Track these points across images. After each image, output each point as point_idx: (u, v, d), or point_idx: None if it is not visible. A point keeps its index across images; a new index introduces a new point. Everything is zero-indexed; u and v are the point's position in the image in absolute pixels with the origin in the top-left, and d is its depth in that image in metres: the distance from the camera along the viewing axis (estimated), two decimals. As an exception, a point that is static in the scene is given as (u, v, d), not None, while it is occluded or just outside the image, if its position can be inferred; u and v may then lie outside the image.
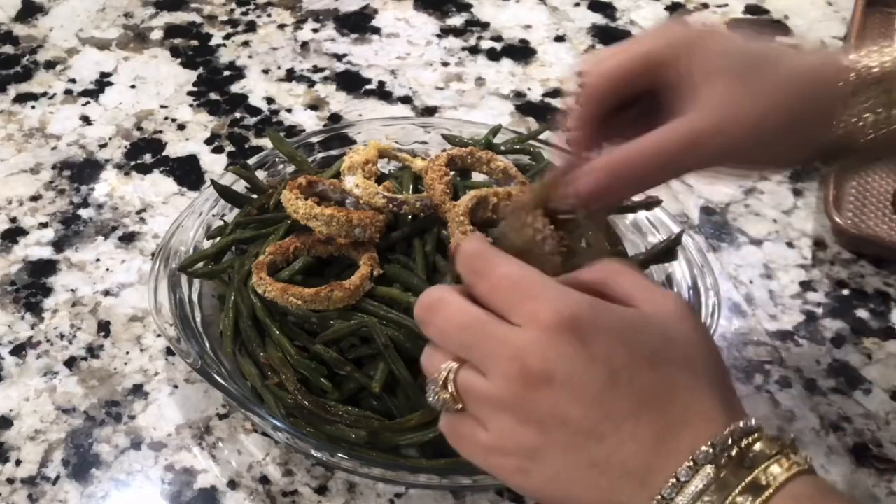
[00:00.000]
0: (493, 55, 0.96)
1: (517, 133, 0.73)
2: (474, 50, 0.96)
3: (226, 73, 0.93)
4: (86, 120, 0.86)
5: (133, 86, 0.91)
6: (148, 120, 0.86)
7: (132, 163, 0.82)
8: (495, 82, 0.92)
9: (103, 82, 0.91)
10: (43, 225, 0.75)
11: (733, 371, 0.65)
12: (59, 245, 0.73)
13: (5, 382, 0.63)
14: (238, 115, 0.87)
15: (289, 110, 0.88)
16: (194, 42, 0.97)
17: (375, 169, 0.66)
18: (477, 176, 0.68)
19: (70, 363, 0.64)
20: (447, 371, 0.40)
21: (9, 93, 0.89)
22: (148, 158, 0.82)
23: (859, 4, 0.97)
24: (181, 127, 0.86)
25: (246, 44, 0.97)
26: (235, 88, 0.90)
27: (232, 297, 0.61)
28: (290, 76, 0.92)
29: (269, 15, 1.01)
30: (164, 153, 0.83)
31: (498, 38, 0.98)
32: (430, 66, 0.94)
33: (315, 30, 0.99)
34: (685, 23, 0.49)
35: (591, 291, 0.41)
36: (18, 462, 0.59)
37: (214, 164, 0.81)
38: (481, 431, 0.40)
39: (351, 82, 0.92)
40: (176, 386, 0.63)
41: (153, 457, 0.59)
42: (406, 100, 0.89)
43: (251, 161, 0.72)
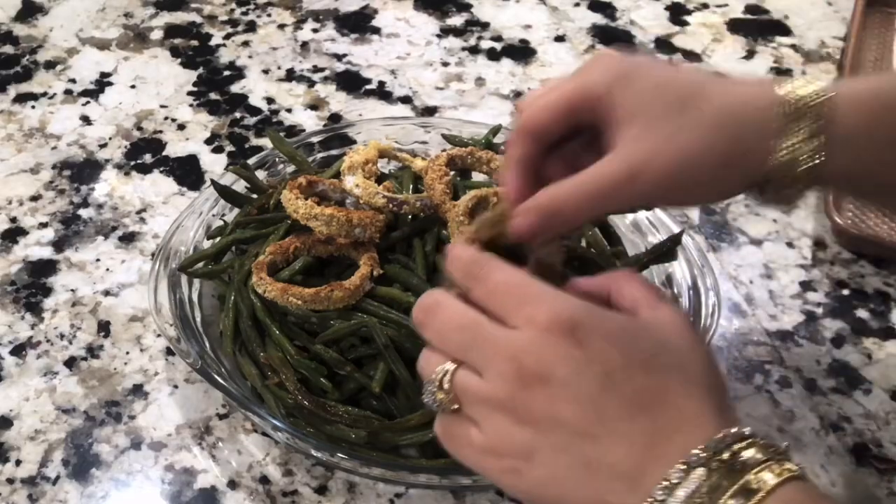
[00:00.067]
0: (493, 55, 0.96)
1: (517, 133, 0.73)
2: (474, 50, 0.96)
3: (226, 73, 0.93)
4: (86, 120, 0.86)
5: (133, 86, 0.91)
6: (148, 120, 0.86)
7: (132, 163, 0.82)
8: (495, 82, 0.92)
9: (103, 82, 0.91)
10: (43, 225, 0.75)
11: (733, 371, 0.65)
12: (59, 245, 0.73)
13: (5, 382, 0.63)
14: (238, 115, 0.87)
15: (289, 110, 0.88)
16: (194, 42, 0.97)
17: (375, 169, 0.66)
18: (477, 176, 0.68)
19: (70, 363, 0.64)
20: (444, 372, 0.41)
21: (9, 93, 0.89)
22: (148, 158, 0.82)
23: (859, 4, 0.97)
24: (181, 127, 0.86)
25: (246, 44, 0.97)
26: (235, 88, 0.90)
27: (232, 297, 0.61)
28: (290, 76, 0.92)
29: (269, 15, 1.01)
30: (164, 153, 0.83)
31: (498, 38, 0.98)
32: (430, 66, 0.94)
33: (315, 30, 0.99)
34: (619, 55, 0.48)
35: (595, 299, 0.41)
36: (18, 462, 0.59)
37: (214, 164, 0.81)
38: (476, 432, 0.40)
39: (351, 82, 0.92)
40: (176, 386, 0.63)
41: (153, 457, 0.59)
42: (406, 100, 0.89)
43: (251, 161, 0.72)
